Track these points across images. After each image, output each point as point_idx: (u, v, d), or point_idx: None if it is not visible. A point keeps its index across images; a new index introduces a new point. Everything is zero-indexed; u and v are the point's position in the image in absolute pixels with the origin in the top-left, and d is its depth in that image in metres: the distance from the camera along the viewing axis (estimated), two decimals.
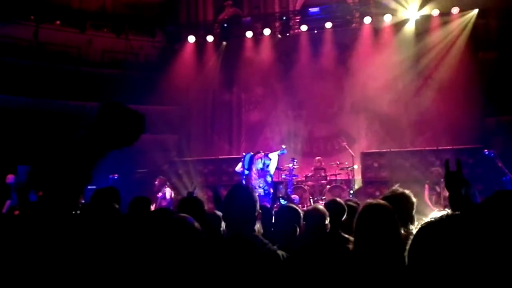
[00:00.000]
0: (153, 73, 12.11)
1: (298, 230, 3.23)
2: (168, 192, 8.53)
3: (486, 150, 8.22)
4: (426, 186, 8.25)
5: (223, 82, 12.46)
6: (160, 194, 8.60)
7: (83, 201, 4.85)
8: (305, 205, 8.87)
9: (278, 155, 9.22)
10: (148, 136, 11.14)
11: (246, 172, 8.74)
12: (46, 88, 11.01)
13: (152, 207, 4.56)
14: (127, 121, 1.15)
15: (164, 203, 8.29)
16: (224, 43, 12.46)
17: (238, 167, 9.01)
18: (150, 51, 13.03)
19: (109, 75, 11.88)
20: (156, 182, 8.80)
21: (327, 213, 3.24)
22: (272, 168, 8.90)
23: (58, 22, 11.96)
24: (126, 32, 12.33)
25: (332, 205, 3.53)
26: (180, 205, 3.48)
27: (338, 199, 3.59)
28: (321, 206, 3.44)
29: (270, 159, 8.85)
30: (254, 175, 8.67)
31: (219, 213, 3.62)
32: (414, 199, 2.76)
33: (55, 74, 11.29)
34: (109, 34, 12.36)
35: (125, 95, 11.23)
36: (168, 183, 8.92)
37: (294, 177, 9.55)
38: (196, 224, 1.68)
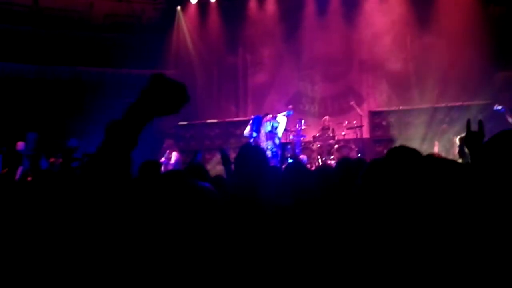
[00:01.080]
0: (156, 36, 11.91)
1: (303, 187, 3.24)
2: (174, 156, 8.58)
3: (496, 106, 8.11)
4: (436, 143, 8.24)
5: (227, 43, 12.24)
6: (163, 159, 8.65)
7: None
8: (314, 165, 8.91)
9: (285, 116, 9.21)
10: None
11: (255, 134, 8.75)
12: (47, 55, 10.90)
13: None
14: (173, 90, 1.26)
15: (170, 167, 8.35)
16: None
17: (247, 131, 9.01)
18: (152, 14, 12.76)
19: (111, 39, 11.71)
20: (165, 145, 8.88)
21: (337, 171, 3.25)
22: (280, 131, 8.91)
23: None
24: None
25: (343, 163, 3.54)
26: (186, 170, 3.49)
27: (349, 157, 3.60)
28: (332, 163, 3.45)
29: (279, 122, 8.84)
30: (262, 137, 8.70)
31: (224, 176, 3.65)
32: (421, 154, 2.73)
33: (56, 39, 11.15)
34: None
35: (128, 59, 11.15)
36: (175, 147, 8.98)
37: (302, 138, 9.55)
38: (207, 186, 1.65)
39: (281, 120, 8.98)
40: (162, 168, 8.07)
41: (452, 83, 9.91)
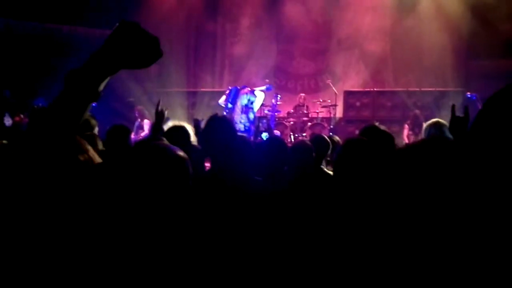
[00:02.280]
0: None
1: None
2: (147, 125, 8.39)
3: (468, 93, 8.29)
4: (406, 126, 8.40)
5: (207, 10, 11.92)
6: (137, 123, 8.46)
7: None
8: (286, 141, 8.93)
9: (263, 91, 9.15)
10: None
11: (230, 105, 8.67)
12: (20, 9, 10.35)
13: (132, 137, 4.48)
14: (144, 41, 1.11)
15: (142, 134, 8.18)
16: None
17: (222, 100, 8.91)
18: None
19: None
20: (136, 113, 8.65)
21: (313, 147, 3.27)
22: (256, 106, 8.85)
23: None
24: None
25: (317, 140, 3.55)
26: (166, 134, 3.35)
27: (323, 134, 3.62)
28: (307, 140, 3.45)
29: (256, 96, 8.77)
30: (237, 109, 8.63)
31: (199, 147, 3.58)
32: (392, 135, 2.76)
33: None
34: None
35: (102, 19, 10.72)
36: (147, 114, 8.77)
37: (276, 113, 9.55)
38: (181, 153, 1.57)
39: (259, 95, 8.91)
40: (133, 136, 7.93)
41: (427, 69, 10.06)
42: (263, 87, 9.27)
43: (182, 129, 3.20)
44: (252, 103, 8.72)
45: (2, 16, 10.20)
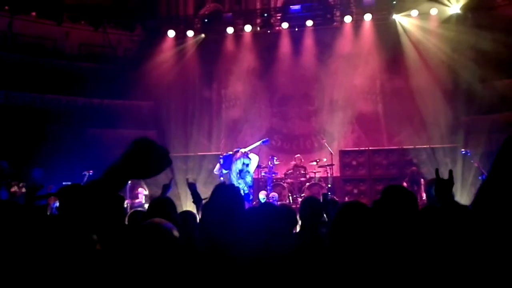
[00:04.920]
0: (132, 67, 11.88)
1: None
2: (141, 193, 8.29)
3: (463, 150, 8.38)
4: (404, 183, 8.38)
5: (203, 78, 12.35)
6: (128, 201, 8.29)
7: None
8: (285, 202, 8.89)
9: (262, 144, 9.28)
10: (125, 132, 11.00)
11: (225, 171, 8.71)
12: (20, 81, 10.68)
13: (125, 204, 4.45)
14: (155, 155, 1.31)
15: (137, 203, 8.06)
16: (203, 35, 12.29)
17: (216, 169, 8.94)
18: (129, 45, 12.80)
19: (86, 69, 11.62)
20: (129, 181, 8.54)
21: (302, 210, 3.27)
22: (252, 168, 8.88)
23: (34, 13, 11.60)
24: (104, 25, 12.06)
25: (309, 202, 3.56)
26: (151, 206, 3.41)
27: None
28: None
29: (250, 159, 8.82)
30: (233, 176, 8.65)
31: (194, 212, 3.56)
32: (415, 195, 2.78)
33: (29, 66, 10.97)
34: (87, 27, 12.07)
35: (102, 90, 11.05)
36: (142, 182, 8.69)
37: (273, 175, 9.57)
38: (175, 232, 1.68)
39: (253, 157, 8.97)
40: (128, 205, 7.84)
41: (420, 126, 10.24)
42: (259, 142, 9.38)
43: (166, 202, 3.33)
44: (247, 166, 8.75)
45: (3, 88, 10.48)
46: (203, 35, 12.29)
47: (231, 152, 8.94)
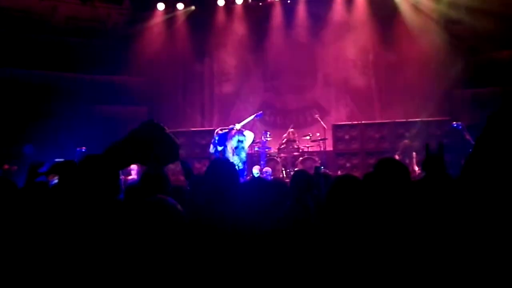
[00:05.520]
0: (121, 42, 11.66)
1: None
2: (134, 170, 8.27)
3: (454, 123, 8.43)
4: (396, 157, 8.45)
5: (194, 52, 12.17)
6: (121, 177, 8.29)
7: None
8: (279, 176, 8.96)
9: (255, 117, 9.27)
10: (117, 108, 10.89)
11: (220, 148, 8.71)
12: (6, 56, 10.45)
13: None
14: (165, 147, 1.28)
15: (130, 180, 8.03)
16: (193, 7, 12.03)
17: (211, 148, 8.92)
18: (118, 19, 12.51)
19: (74, 44, 11.36)
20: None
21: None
22: (247, 144, 8.89)
23: None
24: None
25: (299, 176, 3.59)
26: (144, 181, 3.42)
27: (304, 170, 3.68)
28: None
29: (245, 136, 8.83)
30: (228, 153, 8.66)
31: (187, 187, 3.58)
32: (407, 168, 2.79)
33: (16, 41, 10.71)
34: (74, 0, 11.76)
35: (91, 65, 10.86)
36: None
37: (267, 149, 9.60)
38: (178, 207, 1.68)
39: (248, 134, 8.97)
40: (124, 179, 7.84)
41: (412, 99, 10.25)
42: (253, 116, 9.36)
43: (160, 177, 3.37)
44: (242, 142, 8.77)
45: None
46: (193, 7, 12.03)
47: (226, 130, 8.91)
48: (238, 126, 8.88)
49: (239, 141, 8.69)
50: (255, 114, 9.41)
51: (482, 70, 9.76)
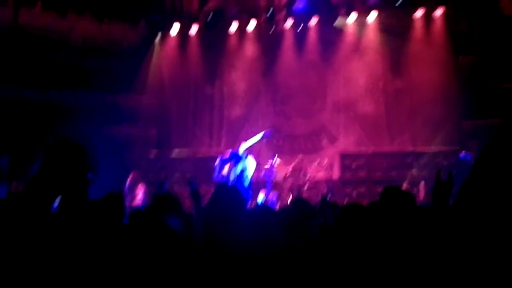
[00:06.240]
0: (134, 61, 11.88)
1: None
2: (142, 190, 8.26)
3: (462, 153, 8.39)
4: (404, 186, 8.40)
5: (205, 75, 12.33)
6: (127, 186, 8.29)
7: None
8: (283, 205, 8.90)
9: (263, 136, 9.07)
10: (126, 128, 11.00)
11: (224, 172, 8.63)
12: (24, 75, 10.67)
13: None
14: (72, 161, 1.17)
15: (137, 201, 8.04)
16: (206, 31, 12.24)
17: (215, 176, 8.76)
18: (133, 39, 12.77)
19: (90, 63, 11.60)
20: (129, 178, 8.52)
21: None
22: (249, 173, 8.61)
23: (39, 4, 11.57)
24: (109, 18, 12.05)
25: (298, 204, 3.62)
26: (155, 203, 3.40)
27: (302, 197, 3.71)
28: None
29: (247, 164, 8.56)
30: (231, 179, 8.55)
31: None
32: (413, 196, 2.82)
33: (34, 60, 10.95)
34: (91, 19, 12.05)
35: (106, 83, 11.04)
36: (141, 179, 8.66)
37: (273, 175, 9.55)
38: (174, 227, 1.68)
39: (251, 162, 8.71)
40: (130, 200, 7.85)
41: (421, 129, 10.23)
42: (261, 133, 9.17)
43: (170, 198, 3.32)
44: (245, 171, 8.55)
45: (7, 83, 10.45)
46: (206, 31, 12.27)
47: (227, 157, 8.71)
48: (242, 148, 8.73)
49: (242, 170, 8.49)
50: (264, 132, 9.22)
51: (491, 101, 9.75)
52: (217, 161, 8.81)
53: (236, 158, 8.56)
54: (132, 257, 1.59)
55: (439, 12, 10.83)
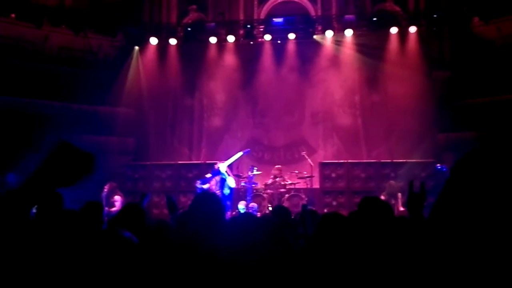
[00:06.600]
0: (112, 73, 11.75)
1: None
2: (118, 201, 8.14)
3: (438, 165, 8.55)
4: (382, 197, 8.48)
5: (184, 86, 12.29)
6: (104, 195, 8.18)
7: None
8: (264, 213, 8.86)
9: (243, 154, 9.28)
10: (103, 138, 10.82)
11: (205, 186, 8.68)
12: None
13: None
14: (77, 161, 1.20)
15: (113, 211, 7.90)
16: (185, 44, 12.26)
17: (199, 184, 8.86)
18: (110, 51, 12.66)
19: (65, 73, 11.41)
20: (105, 188, 8.39)
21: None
22: (229, 184, 8.81)
23: (13, 15, 11.37)
24: (85, 30, 11.91)
25: (279, 211, 3.61)
26: (121, 214, 3.42)
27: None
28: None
29: (226, 178, 8.77)
30: (213, 186, 8.64)
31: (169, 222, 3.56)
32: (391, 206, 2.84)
33: (8, 69, 10.71)
34: (67, 31, 11.90)
35: (82, 94, 10.88)
36: (118, 190, 8.55)
37: (253, 185, 9.55)
38: (128, 238, 1.72)
39: (230, 180, 8.87)
40: (107, 210, 7.69)
41: (398, 141, 10.43)
42: (240, 153, 9.38)
43: (136, 209, 3.37)
44: (225, 180, 8.76)
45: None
46: (185, 43, 12.28)
47: (208, 175, 8.90)
48: (223, 167, 8.83)
49: (222, 178, 8.69)
50: (243, 151, 9.42)
51: (465, 114, 10.04)
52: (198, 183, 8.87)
53: (217, 175, 8.71)
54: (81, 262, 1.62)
55: (413, 30, 11.15)
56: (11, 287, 1.40)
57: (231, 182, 8.82)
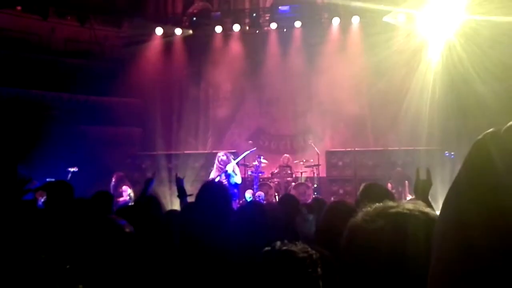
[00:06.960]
0: (118, 64, 11.79)
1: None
2: (126, 191, 8.15)
3: (447, 152, 8.50)
4: (389, 184, 8.46)
5: (190, 76, 12.29)
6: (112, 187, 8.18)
7: None
8: (270, 202, 8.89)
9: (249, 153, 9.22)
10: (110, 129, 10.90)
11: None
12: (4, 76, 10.49)
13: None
14: None
15: (121, 202, 7.93)
16: (190, 31, 12.21)
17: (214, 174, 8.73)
18: (115, 42, 12.68)
19: (72, 65, 11.46)
20: (113, 179, 8.40)
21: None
22: (236, 178, 8.66)
23: (19, 7, 11.41)
24: (91, 21, 11.93)
25: (286, 200, 3.62)
26: (134, 208, 3.46)
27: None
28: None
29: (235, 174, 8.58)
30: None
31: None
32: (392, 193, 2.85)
33: (14, 61, 10.77)
34: (73, 22, 11.92)
35: (89, 86, 10.93)
36: (126, 180, 8.55)
37: (260, 174, 9.57)
38: (127, 229, 1.76)
39: (237, 179, 8.69)
40: (114, 201, 7.75)
41: (405, 129, 10.35)
42: (247, 152, 9.30)
43: (151, 200, 3.40)
44: (232, 173, 8.57)
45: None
46: (190, 32, 12.23)
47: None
48: (229, 168, 8.59)
49: (228, 174, 8.50)
50: (249, 150, 9.33)
51: (475, 101, 9.91)
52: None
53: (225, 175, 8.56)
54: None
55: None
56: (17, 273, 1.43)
57: (237, 180, 8.71)
